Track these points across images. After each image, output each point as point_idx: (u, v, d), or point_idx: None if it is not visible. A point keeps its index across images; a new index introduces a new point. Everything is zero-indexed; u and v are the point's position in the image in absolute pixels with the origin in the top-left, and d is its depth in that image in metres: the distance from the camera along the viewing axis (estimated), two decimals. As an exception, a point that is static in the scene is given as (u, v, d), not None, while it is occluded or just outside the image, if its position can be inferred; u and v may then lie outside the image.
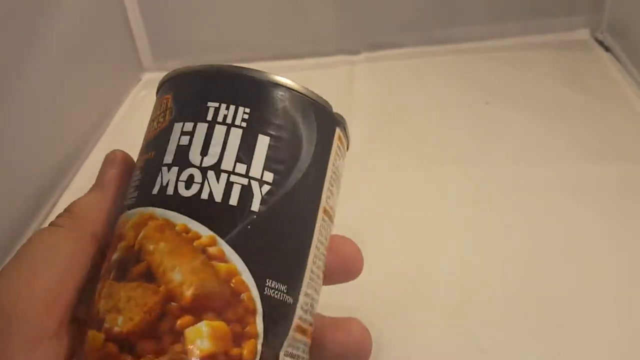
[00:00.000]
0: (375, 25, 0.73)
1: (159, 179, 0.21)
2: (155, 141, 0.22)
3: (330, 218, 0.24)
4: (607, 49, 0.67)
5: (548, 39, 0.70)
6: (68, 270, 0.22)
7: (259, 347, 0.19)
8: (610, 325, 0.37)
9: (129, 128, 0.66)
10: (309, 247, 0.22)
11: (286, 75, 0.23)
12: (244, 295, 0.20)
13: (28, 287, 0.21)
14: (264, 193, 0.21)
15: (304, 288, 0.22)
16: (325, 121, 0.23)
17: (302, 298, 0.22)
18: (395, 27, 0.73)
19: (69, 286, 0.22)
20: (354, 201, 0.36)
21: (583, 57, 0.66)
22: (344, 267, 0.26)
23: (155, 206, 0.21)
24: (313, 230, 0.22)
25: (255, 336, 0.19)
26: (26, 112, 0.53)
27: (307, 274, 0.22)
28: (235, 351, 0.19)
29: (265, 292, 0.20)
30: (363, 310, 0.31)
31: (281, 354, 0.20)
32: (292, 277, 0.21)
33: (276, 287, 0.20)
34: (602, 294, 0.39)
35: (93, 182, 0.25)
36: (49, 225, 0.23)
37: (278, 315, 0.20)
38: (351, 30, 0.74)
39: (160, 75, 0.25)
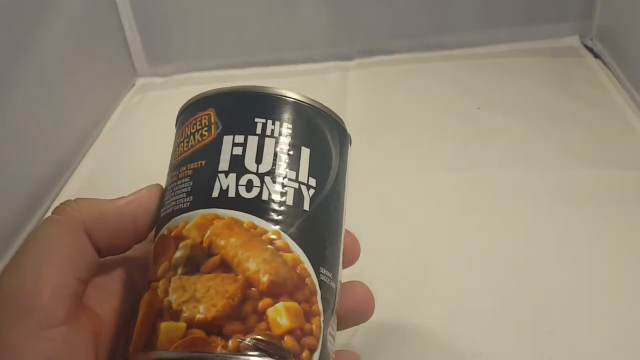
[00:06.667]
0: (367, 32, 0.74)
1: (217, 184, 0.23)
2: (204, 151, 0.25)
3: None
4: (596, 55, 0.68)
5: (538, 46, 0.71)
6: (69, 261, 0.23)
7: (322, 324, 0.23)
8: (602, 330, 0.37)
9: (122, 132, 0.66)
10: (341, 240, 0.26)
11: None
12: (307, 280, 0.23)
13: (34, 279, 0.22)
14: (310, 195, 0.24)
15: (339, 276, 0.26)
16: (342, 136, 0.28)
17: (338, 284, 0.25)
18: (387, 33, 0.74)
19: (72, 276, 0.23)
20: (348, 206, 0.36)
21: (573, 64, 0.67)
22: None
23: (217, 207, 0.23)
24: (342, 226, 0.27)
25: (319, 314, 0.23)
26: (20, 116, 0.53)
27: (340, 264, 0.26)
28: (307, 326, 0.22)
29: (320, 278, 0.24)
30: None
31: (326, 332, 0.23)
32: (334, 266, 0.25)
33: (326, 273, 0.24)
34: (593, 299, 0.39)
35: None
36: (51, 215, 0.24)
37: (329, 298, 0.24)
38: (344, 37, 0.74)
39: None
